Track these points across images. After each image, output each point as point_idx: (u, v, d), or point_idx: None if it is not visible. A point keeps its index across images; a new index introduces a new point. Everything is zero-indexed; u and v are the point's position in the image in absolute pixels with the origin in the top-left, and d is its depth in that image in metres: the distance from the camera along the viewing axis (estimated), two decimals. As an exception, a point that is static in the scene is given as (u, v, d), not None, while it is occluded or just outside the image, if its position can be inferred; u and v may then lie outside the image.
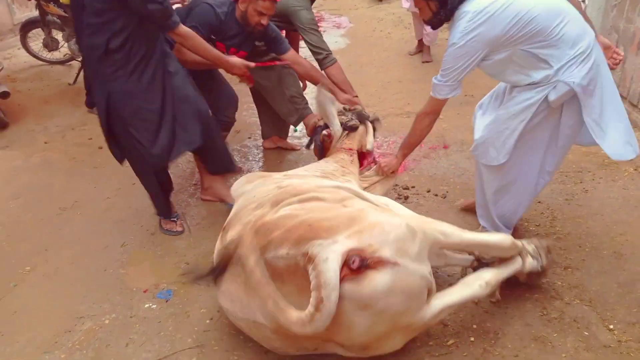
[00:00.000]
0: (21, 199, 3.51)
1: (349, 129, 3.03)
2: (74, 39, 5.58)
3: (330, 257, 1.71)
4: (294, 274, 1.79)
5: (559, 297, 2.48)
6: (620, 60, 2.57)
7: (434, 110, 2.65)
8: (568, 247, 2.83)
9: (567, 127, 2.46)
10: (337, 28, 8.63)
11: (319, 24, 3.87)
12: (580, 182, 3.48)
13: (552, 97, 2.34)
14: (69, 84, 5.72)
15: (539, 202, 3.26)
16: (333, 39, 7.82)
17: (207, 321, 2.45)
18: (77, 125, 4.71)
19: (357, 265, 1.73)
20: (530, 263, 2.34)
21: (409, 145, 2.85)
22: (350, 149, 2.99)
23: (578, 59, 2.28)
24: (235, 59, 3.00)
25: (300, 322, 1.70)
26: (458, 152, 4.06)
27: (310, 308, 1.68)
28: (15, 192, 3.60)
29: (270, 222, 1.97)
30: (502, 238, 2.26)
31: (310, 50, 3.66)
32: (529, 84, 2.40)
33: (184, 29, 2.68)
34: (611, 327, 2.31)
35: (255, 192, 2.41)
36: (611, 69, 2.49)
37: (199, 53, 2.81)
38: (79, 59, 5.76)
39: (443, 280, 2.57)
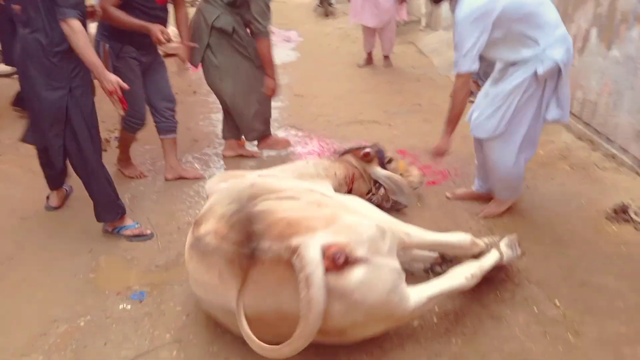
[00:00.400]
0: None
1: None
2: None
3: (310, 242, 1.86)
4: (275, 267, 1.92)
5: (510, 280, 2.72)
6: None
7: (463, 85, 2.95)
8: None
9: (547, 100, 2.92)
10: (287, 42, 8.84)
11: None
12: (524, 180, 3.78)
13: (540, 71, 2.75)
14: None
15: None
16: (284, 53, 8.03)
17: (184, 317, 2.52)
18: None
19: (342, 261, 1.89)
20: (508, 254, 2.56)
21: (452, 118, 3.10)
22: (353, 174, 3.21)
23: (559, 39, 2.74)
24: (111, 75, 2.86)
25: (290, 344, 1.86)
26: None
27: (302, 291, 1.81)
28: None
29: (250, 215, 2.09)
30: (462, 238, 2.47)
31: (251, 17, 3.76)
32: (519, 62, 2.82)
33: (74, 23, 2.64)
34: (557, 303, 2.57)
35: (228, 185, 2.53)
36: None
37: (80, 51, 2.72)
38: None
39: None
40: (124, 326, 2.48)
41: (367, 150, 3.33)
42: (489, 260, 2.50)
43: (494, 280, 2.66)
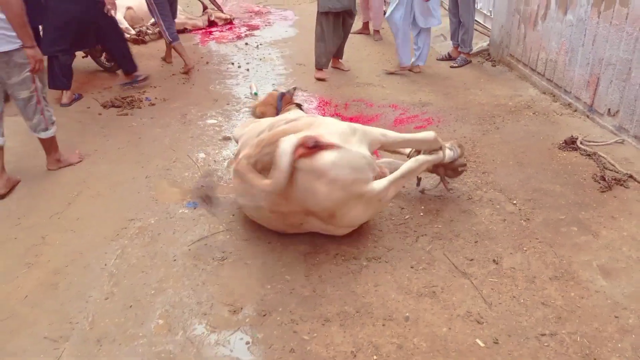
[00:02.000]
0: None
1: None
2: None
3: (287, 138, 2.59)
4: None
5: (479, 189, 3.53)
6: None
7: None
8: (485, 161, 3.89)
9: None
10: (284, 20, 9.50)
11: (267, 17, 4.61)
12: (494, 123, 4.59)
13: None
14: (51, 67, 6.25)
15: (464, 136, 4.32)
16: (283, 29, 8.71)
17: (231, 216, 3.29)
18: (73, 98, 5.34)
19: (312, 144, 2.56)
20: (449, 154, 3.27)
21: None
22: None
23: None
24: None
25: (269, 184, 2.60)
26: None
27: (272, 172, 2.56)
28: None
29: (265, 137, 2.86)
30: (428, 134, 3.16)
31: None
32: None
33: None
34: (514, 202, 3.37)
35: (253, 128, 3.30)
36: None
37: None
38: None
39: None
40: (185, 222, 3.25)
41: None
42: (434, 155, 3.17)
43: (466, 188, 3.47)
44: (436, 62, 6.51)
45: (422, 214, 3.29)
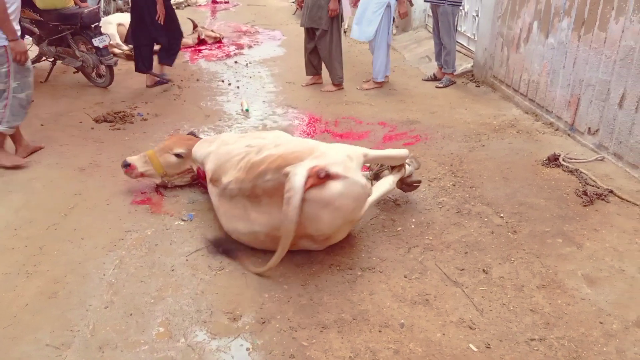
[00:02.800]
0: (42, 162, 4.20)
1: None
2: (46, 41, 6.22)
3: (298, 170, 2.67)
4: (277, 190, 2.73)
5: (467, 202, 3.65)
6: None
7: None
8: (472, 177, 4.03)
9: None
10: (272, 40, 9.69)
11: (255, 36, 4.83)
12: (479, 141, 4.75)
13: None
14: (41, 82, 6.29)
15: (451, 152, 4.47)
16: (271, 49, 8.90)
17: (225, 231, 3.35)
18: (65, 113, 5.38)
19: (323, 175, 2.68)
20: (409, 168, 3.45)
21: None
22: None
23: None
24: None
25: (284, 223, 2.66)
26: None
27: (284, 206, 2.63)
28: (34, 157, 4.28)
29: (257, 161, 2.94)
30: (403, 151, 3.36)
31: None
32: None
33: None
34: (501, 215, 3.50)
35: (226, 149, 3.33)
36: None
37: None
38: (50, 59, 6.38)
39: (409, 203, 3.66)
40: (182, 233, 3.30)
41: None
42: (401, 172, 3.39)
43: (454, 202, 3.60)
44: (422, 82, 6.70)
45: (413, 226, 3.39)
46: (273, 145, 3.09)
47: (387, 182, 3.29)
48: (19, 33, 3.92)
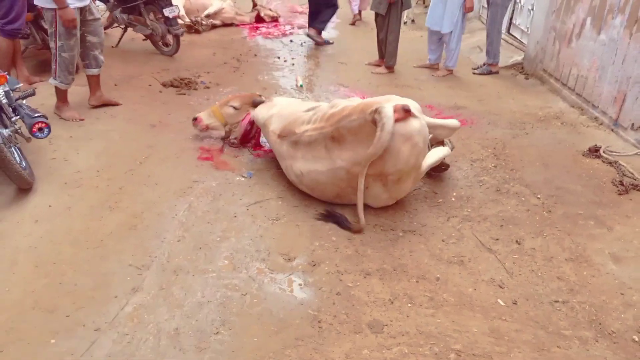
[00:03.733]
0: (118, 117, 4.64)
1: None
2: (119, 9, 6.68)
3: (387, 105, 3.03)
4: (363, 128, 3.10)
5: (507, 183, 3.88)
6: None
7: None
8: (514, 161, 4.24)
9: None
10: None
11: None
12: (523, 129, 4.93)
13: None
14: (112, 47, 6.77)
15: (495, 137, 4.68)
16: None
17: (281, 187, 3.69)
18: (135, 76, 5.82)
19: (407, 109, 3.06)
20: (449, 146, 3.76)
21: None
22: None
23: None
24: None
25: (374, 146, 3.00)
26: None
27: (377, 131, 2.97)
28: (111, 112, 4.72)
29: (336, 111, 3.26)
30: (455, 122, 3.69)
31: None
32: None
33: None
34: (538, 197, 3.72)
35: (289, 110, 3.72)
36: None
37: None
38: (122, 26, 6.85)
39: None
40: (242, 187, 3.67)
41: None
42: (448, 145, 3.75)
43: (495, 182, 3.84)
44: (471, 71, 6.87)
45: (453, 199, 3.66)
46: (347, 101, 3.48)
47: (441, 151, 3.59)
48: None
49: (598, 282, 2.85)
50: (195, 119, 4.24)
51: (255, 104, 4.15)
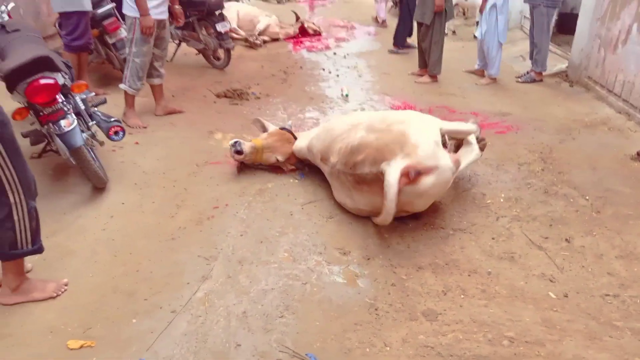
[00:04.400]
0: (177, 125, 4.94)
1: None
2: (173, 25, 7.05)
3: (392, 170, 2.97)
4: (375, 182, 3.13)
5: (554, 185, 3.95)
6: None
7: None
8: (561, 164, 4.30)
9: None
10: (368, 35, 10.18)
11: (352, 31, 5.35)
12: (570, 134, 4.97)
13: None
14: (168, 61, 7.14)
15: (542, 142, 4.74)
16: (368, 43, 9.38)
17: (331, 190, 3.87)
18: (190, 88, 6.15)
19: (414, 175, 3.03)
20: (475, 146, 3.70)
21: None
22: None
23: None
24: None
25: (378, 221, 3.12)
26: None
27: (383, 199, 2.98)
28: (170, 120, 5.03)
29: (354, 147, 3.28)
30: (473, 126, 3.67)
31: None
32: None
33: None
34: (587, 198, 3.77)
35: (327, 131, 3.73)
36: None
37: None
38: (176, 42, 7.23)
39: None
40: (296, 188, 3.87)
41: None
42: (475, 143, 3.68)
43: (543, 184, 3.92)
44: (514, 79, 6.93)
45: (502, 200, 3.75)
46: (366, 125, 3.41)
47: (474, 152, 3.63)
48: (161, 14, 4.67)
49: (649, 278, 2.90)
50: (238, 152, 3.89)
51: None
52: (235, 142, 3.91)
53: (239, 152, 3.90)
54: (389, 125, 3.28)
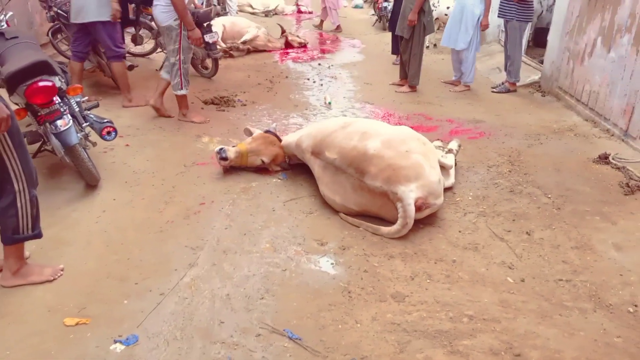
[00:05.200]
0: (166, 129, 5.17)
1: None
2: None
3: (410, 202, 3.35)
4: (382, 196, 3.45)
5: (520, 185, 4.23)
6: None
7: None
8: (528, 166, 4.59)
9: None
10: (352, 47, 10.51)
11: (337, 43, 5.71)
12: (538, 139, 5.29)
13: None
14: (157, 70, 7.38)
15: (511, 147, 5.04)
16: (352, 55, 9.70)
17: (313, 188, 4.12)
18: (178, 95, 6.38)
19: (420, 206, 3.41)
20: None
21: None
22: None
23: None
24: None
25: (392, 233, 3.41)
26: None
27: (398, 226, 3.36)
28: (160, 124, 5.26)
29: (361, 151, 3.56)
30: (452, 159, 4.16)
31: None
32: None
33: None
34: (549, 196, 4.06)
35: (318, 127, 4.12)
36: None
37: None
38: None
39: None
40: (279, 187, 4.11)
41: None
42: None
43: (510, 184, 4.20)
44: (490, 89, 7.27)
45: (470, 198, 4.03)
46: (384, 139, 3.64)
47: (450, 179, 4.14)
48: None
49: (600, 266, 3.18)
50: (223, 159, 4.09)
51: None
52: (221, 149, 4.12)
53: (224, 159, 4.11)
54: (408, 151, 3.57)
